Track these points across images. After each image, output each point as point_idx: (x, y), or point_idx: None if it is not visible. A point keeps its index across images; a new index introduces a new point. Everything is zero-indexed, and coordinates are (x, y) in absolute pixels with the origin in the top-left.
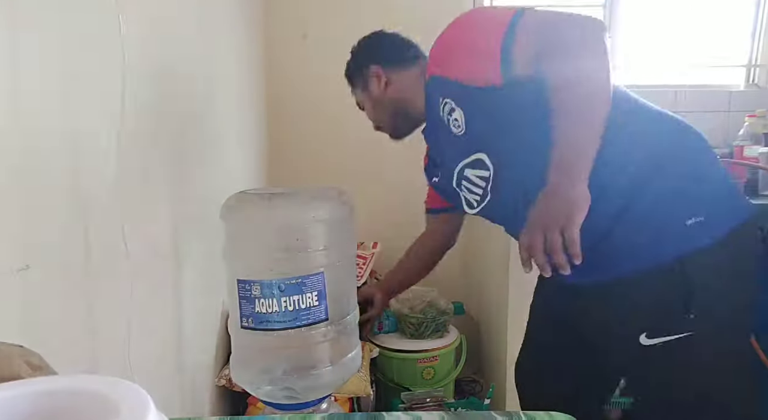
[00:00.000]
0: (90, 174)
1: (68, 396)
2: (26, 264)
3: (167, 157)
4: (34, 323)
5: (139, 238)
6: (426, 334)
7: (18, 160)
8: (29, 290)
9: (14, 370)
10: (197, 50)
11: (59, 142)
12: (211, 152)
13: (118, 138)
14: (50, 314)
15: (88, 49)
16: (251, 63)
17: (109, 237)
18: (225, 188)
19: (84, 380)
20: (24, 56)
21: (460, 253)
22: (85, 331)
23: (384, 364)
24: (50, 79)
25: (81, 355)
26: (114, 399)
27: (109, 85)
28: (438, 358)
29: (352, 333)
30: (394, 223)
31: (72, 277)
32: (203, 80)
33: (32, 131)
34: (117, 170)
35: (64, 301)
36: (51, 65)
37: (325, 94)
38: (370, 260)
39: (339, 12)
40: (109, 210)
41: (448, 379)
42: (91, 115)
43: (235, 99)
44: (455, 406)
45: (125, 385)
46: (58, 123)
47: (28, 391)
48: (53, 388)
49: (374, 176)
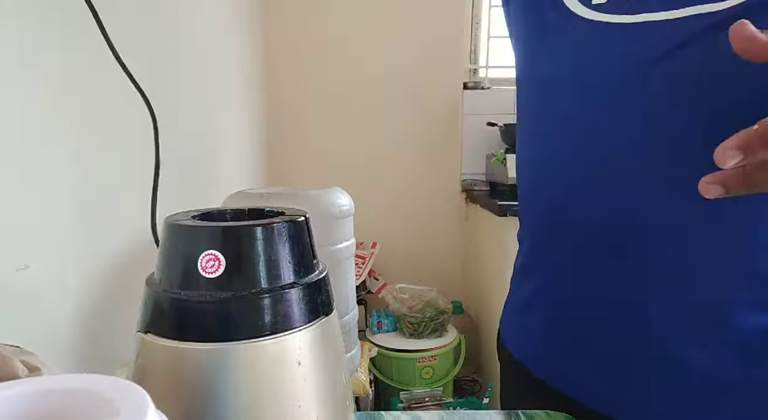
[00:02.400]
0: (91, 173)
1: (66, 395)
2: (25, 263)
3: (164, 155)
4: (33, 323)
5: (138, 235)
6: (425, 334)
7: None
8: (29, 290)
9: (11, 370)
10: (197, 50)
11: (60, 142)
12: (209, 151)
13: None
14: (51, 313)
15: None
16: (251, 63)
17: (110, 237)
18: (224, 187)
19: (82, 379)
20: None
21: (460, 252)
22: (86, 331)
23: (383, 364)
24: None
25: (81, 354)
26: (113, 398)
27: (109, 85)
28: (437, 357)
29: (350, 332)
30: (394, 223)
31: (73, 277)
32: (203, 80)
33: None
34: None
35: (67, 300)
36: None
37: (325, 94)
38: (369, 260)
39: (339, 12)
40: (109, 210)
41: (447, 379)
42: (94, 107)
43: (234, 99)
44: (454, 406)
45: (124, 384)
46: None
47: (25, 390)
48: (51, 387)
49: (374, 176)
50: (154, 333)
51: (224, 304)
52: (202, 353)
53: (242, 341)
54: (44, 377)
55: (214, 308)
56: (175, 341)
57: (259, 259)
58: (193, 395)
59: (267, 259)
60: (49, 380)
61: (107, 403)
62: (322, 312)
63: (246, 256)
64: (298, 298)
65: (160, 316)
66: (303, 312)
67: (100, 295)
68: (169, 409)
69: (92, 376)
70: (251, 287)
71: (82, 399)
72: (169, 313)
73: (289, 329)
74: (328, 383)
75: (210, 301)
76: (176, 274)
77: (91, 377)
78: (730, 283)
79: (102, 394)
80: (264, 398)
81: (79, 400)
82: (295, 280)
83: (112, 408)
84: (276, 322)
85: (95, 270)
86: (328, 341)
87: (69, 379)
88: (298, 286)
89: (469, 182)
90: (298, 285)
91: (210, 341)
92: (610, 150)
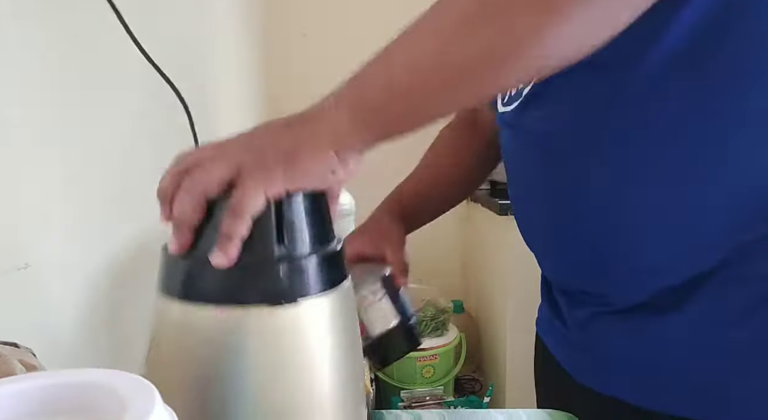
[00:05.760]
0: (92, 173)
1: (74, 389)
2: (26, 262)
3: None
4: (33, 322)
5: (141, 235)
6: (425, 333)
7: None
8: (29, 289)
9: (10, 369)
10: (196, 50)
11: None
12: None
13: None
14: (51, 313)
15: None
16: (251, 63)
17: (111, 236)
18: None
19: (90, 373)
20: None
21: (460, 251)
22: (86, 331)
23: None
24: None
25: (81, 353)
26: (121, 391)
27: (109, 86)
28: (438, 356)
29: None
30: None
31: (74, 276)
32: (203, 80)
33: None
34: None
35: (66, 300)
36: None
37: (324, 94)
38: None
39: (339, 12)
40: (110, 209)
41: (447, 378)
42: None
43: (235, 99)
44: (455, 405)
45: (131, 378)
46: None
47: (34, 384)
48: (59, 381)
49: (374, 176)
50: (170, 296)
51: (241, 269)
52: (248, 316)
53: (257, 306)
54: (52, 371)
55: (230, 273)
56: (191, 304)
57: (276, 225)
58: (206, 359)
59: (286, 226)
60: (58, 374)
61: (117, 398)
62: (338, 281)
63: (264, 222)
64: (314, 266)
65: (176, 280)
66: (319, 280)
67: (101, 295)
68: (183, 372)
69: (102, 370)
70: (268, 253)
71: (92, 393)
72: (184, 276)
73: (305, 296)
74: (343, 352)
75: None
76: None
77: (101, 372)
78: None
79: (111, 388)
80: (276, 364)
81: (89, 395)
82: (312, 249)
83: (121, 402)
84: (292, 290)
85: (95, 270)
86: (343, 312)
87: (80, 373)
88: (315, 255)
89: None
90: (315, 254)
91: (225, 305)
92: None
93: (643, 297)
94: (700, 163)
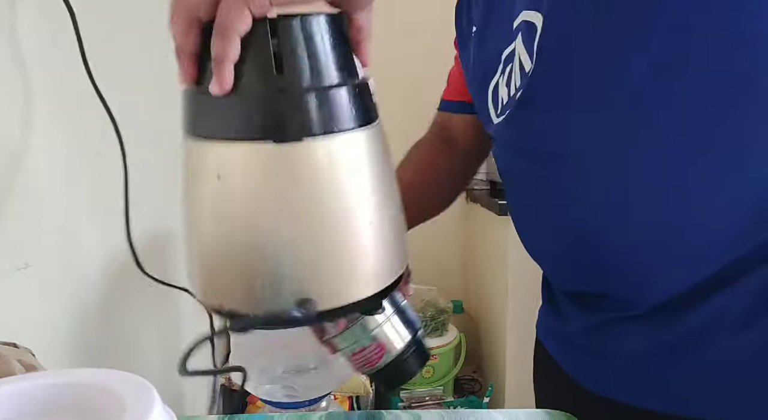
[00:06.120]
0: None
1: (74, 389)
2: (26, 262)
3: (165, 157)
4: (33, 322)
5: (141, 235)
6: (425, 333)
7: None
8: (29, 289)
9: (9, 369)
10: None
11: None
12: None
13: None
14: (51, 312)
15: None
16: None
17: (111, 236)
18: None
19: (90, 373)
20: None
21: (460, 251)
22: (85, 331)
23: None
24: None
25: (80, 353)
26: (120, 392)
27: None
28: (437, 356)
29: None
30: None
31: (74, 276)
32: None
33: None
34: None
35: (66, 300)
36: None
37: None
38: None
39: None
40: (110, 209)
41: (447, 378)
42: None
43: None
44: (454, 405)
45: (131, 379)
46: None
47: (33, 384)
48: (59, 381)
49: None
50: (198, 136)
51: (269, 101)
52: (249, 152)
53: (290, 142)
54: (52, 371)
55: (259, 106)
56: (220, 142)
57: (303, 54)
58: (239, 196)
59: (310, 55)
60: (57, 374)
61: (116, 398)
62: (371, 118)
63: (258, 46)
64: (346, 98)
65: (202, 117)
66: (352, 115)
67: (100, 295)
68: (213, 208)
69: (102, 370)
70: (297, 83)
71: (91, 393)
72: (194, 112)
73: (339, 131)
74: (380, 188)
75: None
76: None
77: (101, 372)
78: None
79: (111, 388)
80: (311, 198)
81: (89, 395)
82: (340, 80)
83: (120, 402)
84: (324, 123)
85: (95, 269)
86: (378, 149)
87: (79, 373)
88: (345, 86)
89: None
90: (344, 85)
91: (257, 140)
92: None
93: (652, 300)
94: (699, 164)
